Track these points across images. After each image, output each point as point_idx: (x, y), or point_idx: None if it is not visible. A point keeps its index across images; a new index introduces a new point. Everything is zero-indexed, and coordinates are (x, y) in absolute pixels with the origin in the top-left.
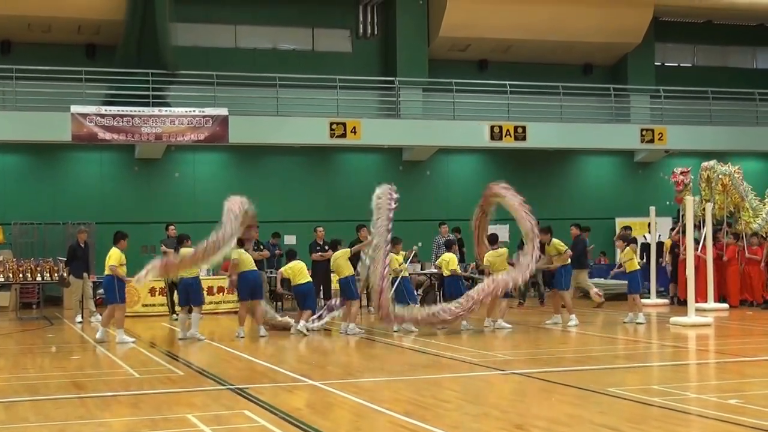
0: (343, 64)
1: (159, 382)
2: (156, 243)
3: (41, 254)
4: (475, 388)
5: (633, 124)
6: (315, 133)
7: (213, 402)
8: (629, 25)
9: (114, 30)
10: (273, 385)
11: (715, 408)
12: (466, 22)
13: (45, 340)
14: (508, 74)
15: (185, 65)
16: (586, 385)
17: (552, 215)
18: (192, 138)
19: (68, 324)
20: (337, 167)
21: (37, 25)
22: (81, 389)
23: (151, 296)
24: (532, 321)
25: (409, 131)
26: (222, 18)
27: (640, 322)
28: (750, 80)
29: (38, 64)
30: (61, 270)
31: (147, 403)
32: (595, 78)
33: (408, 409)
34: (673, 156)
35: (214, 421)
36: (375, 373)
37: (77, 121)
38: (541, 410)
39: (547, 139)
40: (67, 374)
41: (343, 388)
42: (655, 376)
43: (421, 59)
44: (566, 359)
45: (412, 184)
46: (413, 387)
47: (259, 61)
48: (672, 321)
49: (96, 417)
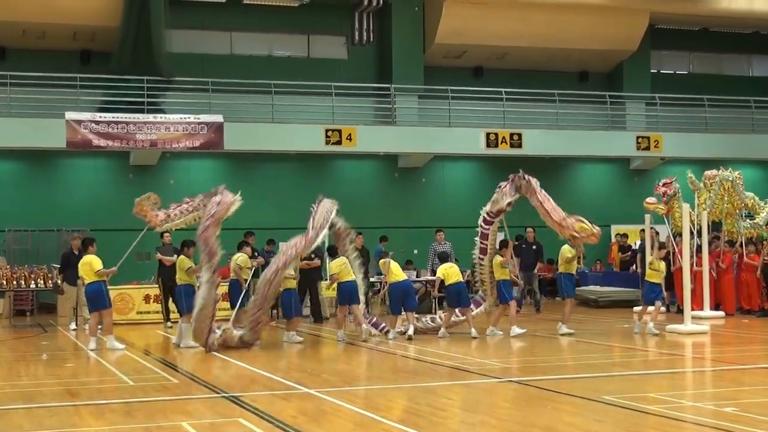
0: (339, 71)
1: (153, 390)
2: (151, 250)
3: (35, 261)
4: (471, 395)
5: (629, 132)
6: (310, 140)
7: (208, 410)
8: (625, 32)
9: (109, 36)
10: (268, 393)
11: (711, 416)
12: (461, 29)
13: (39, 348)
14: (503, 81)
15: (180, 72)
16: (583, 393)
17: None
18: (187, 145)
19: (62, 331)
20: (332, 174)
21: (32, 31)
22: (75, 397)
23: (146, 303)
24: (529, 329)
25: (405, 138)
26: (217, 24)
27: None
28: (746, 88)
29: (33, 70)
30: (55, 277)
31: (141, 411)
32: (590, 85)
33: (403, 417)
34: (669, 163)
35: (209, 429)
36: (370, 381)
37: (72, 127)
38: (537, 418)
39: (542, 146)
40: (61, 382)
41: (338, 396)
42: (652, 384)
43: (417, 66)
44: (562, 367)
45: (407, 191)
46: (408, 395)
47: (255, 67)
48: (668, 329)
49: (90, 425)
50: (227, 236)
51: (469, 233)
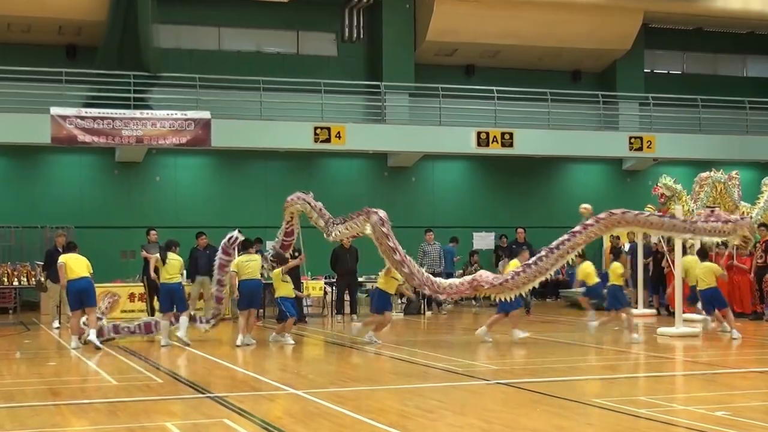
0: (329, 68)
1: (137, 390)
2: (136, 248)
3: (18, 258)
4: (460, 398)
5: (621, 132)
6: (299, 138)
7: (192, 410)
8: (618, 31)
9: (95, 31)
10: (254, 394)
11: (702, 420)
12: (453, 27)
13: (21, 346)
14: (495, 80)
15: (167, 67)
16: (573, 396)
17: (538, 223)
18: (174, 141)
19: (45, 329)
20: (321, 173)
21: (17, 25)
22: (57, 396)
23: (131, 302)
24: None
25: (395, 137)
26: (205, 20)
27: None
28: (740, 88)
29: (17, 64)
30: (38, 274)
31: (124, 411)
32: (583, 85)
33: (391, 419)
34: (662, 164)
35: (194, 430)
36: (359, 383)
37: (57, 123)
38: (526, 421)
39: (534, 146)
40: (43, 381)
41: (325, 398)
42: (642, 387)
43: (408, 64)
44: (552, 370)
45: (396, 190)
46: (397, 396)
47: (243, 63)
48: (659, 331)
49: (73, 425)
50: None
51: (458, 233)
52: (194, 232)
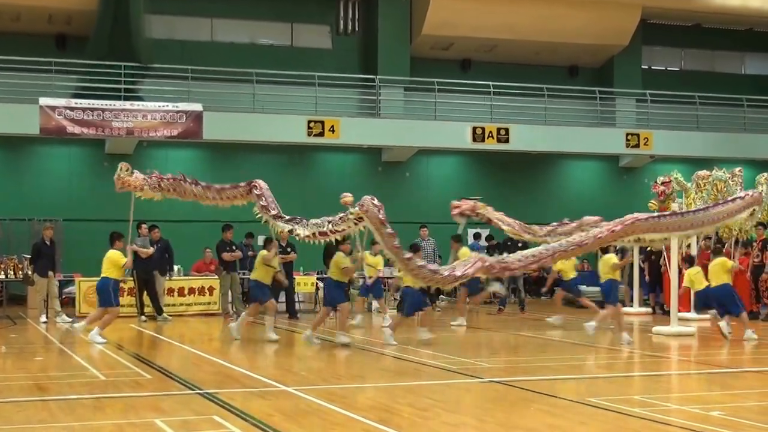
0: (323, 61)
1: (126, 386)
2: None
3: (5, 251)
4: (453, 396)
5: (618, 129)
6: (292, 131)
7: (182, 407)
8: (616, 27)
9: (86, 20)
10: (245, 390)
11: (697, 419)
12: (449, 21)
13: (7, 341)
14: (491, 75)
15: (159, 58)
16: (567, 395)
17: (534, 220)
18: (165, 134)
19: (32, 324)
20: (314, 167)
21: (6, 13)
22: (44, 392)
23: (120, 297)
24: (514, 328)
25: (389, 131)
26: (198, 10)
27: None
28: (738, 86)
29: (6, 54)
30: (25, 268)
31: (112, 407)
32: (580, 80)
33: (383, 416)
34: (659, 161)
35: (182, 427)
36: (350, 380)
37: (46, 113)
38: (520, 420)
39: (530, 141)
40: (30, 376)
41: (317, 395)
42: (637, 386)
43: (403, 57)
44: (546, 368)
45: (390, 185)
46: (389, 394)
47: (236, 55)
48: (654, 330)
49: (59, 420)
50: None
51: (454, 229)
52: (185, 225)
